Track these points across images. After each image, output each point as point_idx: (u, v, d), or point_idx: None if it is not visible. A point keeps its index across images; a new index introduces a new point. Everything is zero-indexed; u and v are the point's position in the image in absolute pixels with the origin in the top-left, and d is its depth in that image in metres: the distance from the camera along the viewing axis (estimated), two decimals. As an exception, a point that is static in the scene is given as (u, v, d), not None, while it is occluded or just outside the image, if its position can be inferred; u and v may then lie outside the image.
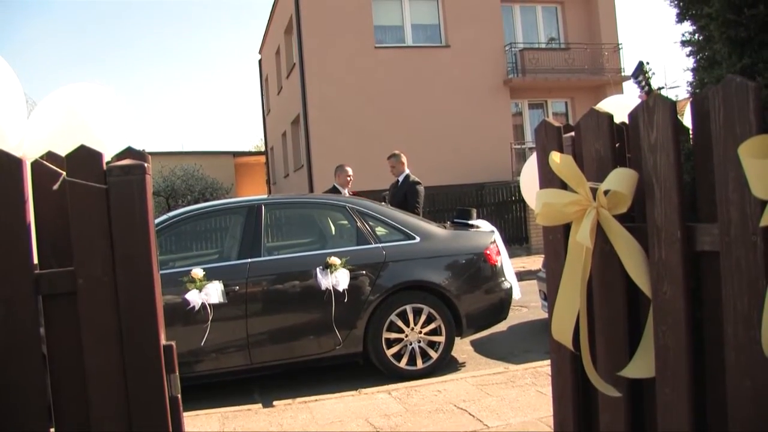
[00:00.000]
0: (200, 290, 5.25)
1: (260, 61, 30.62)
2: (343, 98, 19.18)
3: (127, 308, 2.21)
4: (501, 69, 20.74)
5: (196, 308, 5.23)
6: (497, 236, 6.63)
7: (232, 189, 28.81)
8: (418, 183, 8.29)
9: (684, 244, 2.07)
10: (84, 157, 2.23)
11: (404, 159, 8.54)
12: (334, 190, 8.33)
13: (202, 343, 5.31)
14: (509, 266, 6.74)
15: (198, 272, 5.31)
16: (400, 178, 8.42)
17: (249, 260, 5.66)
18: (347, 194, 8.20)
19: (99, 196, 2.21)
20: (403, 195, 8.20)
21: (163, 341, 2.28)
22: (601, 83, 21.46)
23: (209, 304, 5.26)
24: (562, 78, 21.19)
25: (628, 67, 21.71)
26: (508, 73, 20.86)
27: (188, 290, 5.25)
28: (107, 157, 2.32)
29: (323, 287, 5.51)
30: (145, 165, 2.26)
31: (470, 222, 7.14)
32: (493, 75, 20.54)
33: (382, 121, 19.30)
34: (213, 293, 5.27)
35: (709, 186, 2.00)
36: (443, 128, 19.36)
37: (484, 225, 7.05)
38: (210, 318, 5.28)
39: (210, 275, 5.37)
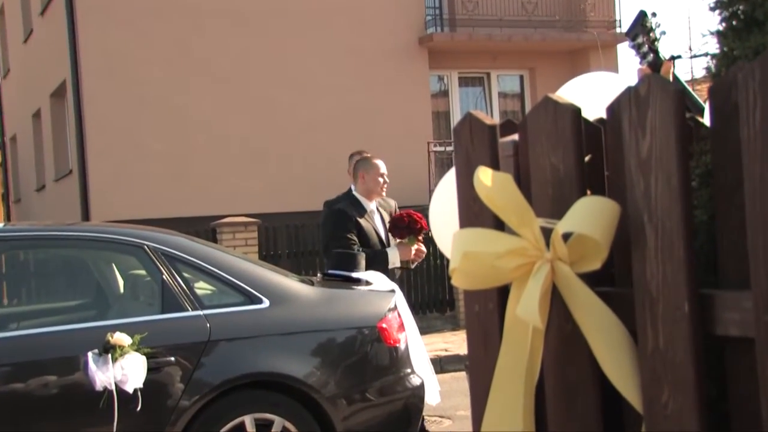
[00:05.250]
0: None
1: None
2: (146, 55, 18.92)
3: None
4: (416, 19, 21.08)
5: None
6: (400, 298, 6.64)
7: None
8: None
9: (696, 323, 2.08)
10: None
11: None
12: (352, 201, 7.71)
13: None
14: (422, 349, 6.77)
15: None
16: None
17: (-37, 339, 5.53)
18: (374, 208, 7.79)
19: None
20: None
21: None
22: (582, 46, 22.20)
23: None
24: (517, 35, 21.73)
25: (627, 20, 22.52)
26: (428, 26, 21.22)
27: None
28: None
29: (99, 386, 5.39)
30: None
31: (354, 275, 7.11)
32: (403, 28, 20.83)
33: (215, 97, 19.13)
34: None
35: (736, 229, 2.02)
36: (320, 118, 19.39)
37: (378, 279, 7.05)
38: None
39: None
